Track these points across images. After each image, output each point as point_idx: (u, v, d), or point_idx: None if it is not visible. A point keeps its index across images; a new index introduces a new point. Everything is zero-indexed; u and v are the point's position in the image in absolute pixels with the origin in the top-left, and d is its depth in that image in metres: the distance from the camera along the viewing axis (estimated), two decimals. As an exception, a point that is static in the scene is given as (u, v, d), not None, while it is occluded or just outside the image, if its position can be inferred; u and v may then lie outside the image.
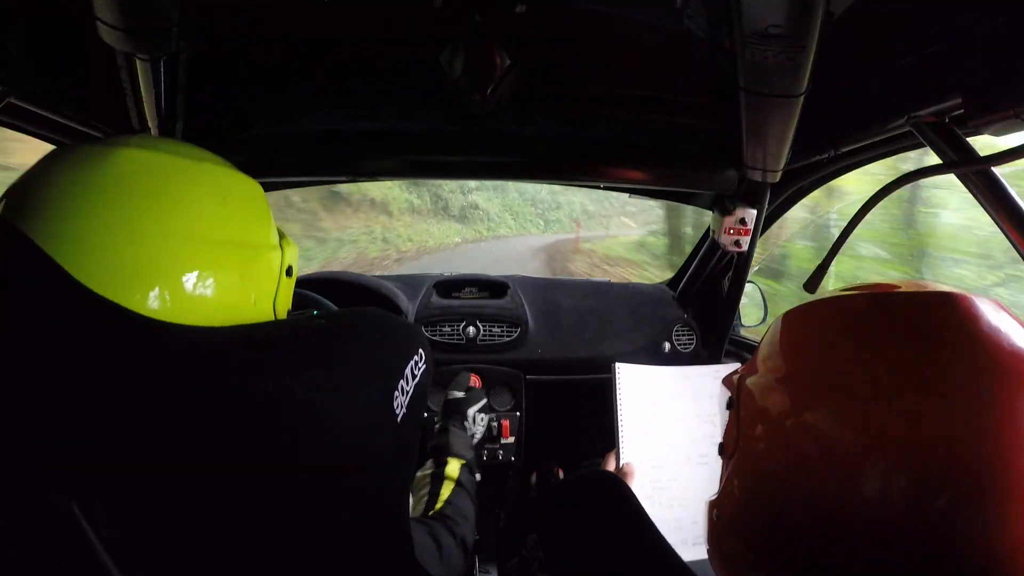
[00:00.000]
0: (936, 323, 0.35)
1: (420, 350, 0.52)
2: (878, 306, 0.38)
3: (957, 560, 0.32)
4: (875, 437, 0.33)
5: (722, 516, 0.44)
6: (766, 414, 0.40)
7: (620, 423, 0.97)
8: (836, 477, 0.34)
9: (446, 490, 0.80)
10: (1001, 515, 0.31)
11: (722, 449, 0.47)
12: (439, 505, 0.77)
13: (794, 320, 0.42)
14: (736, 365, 1.08)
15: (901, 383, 0.33)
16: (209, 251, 0.44)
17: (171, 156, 0.45)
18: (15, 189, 0.42)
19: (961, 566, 0.32)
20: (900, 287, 0.39)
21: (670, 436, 0.98)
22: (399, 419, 0.46)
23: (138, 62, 0.68)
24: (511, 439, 1.31)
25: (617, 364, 1.02)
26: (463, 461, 0.87)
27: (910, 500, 0.32)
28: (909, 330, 0.36)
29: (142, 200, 0.42)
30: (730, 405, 0.46)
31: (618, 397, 0.99)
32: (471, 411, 1.04)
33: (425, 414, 1.03)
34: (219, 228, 0.45)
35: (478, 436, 1.05)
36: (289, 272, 0.53)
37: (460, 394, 1.07)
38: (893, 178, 0.74)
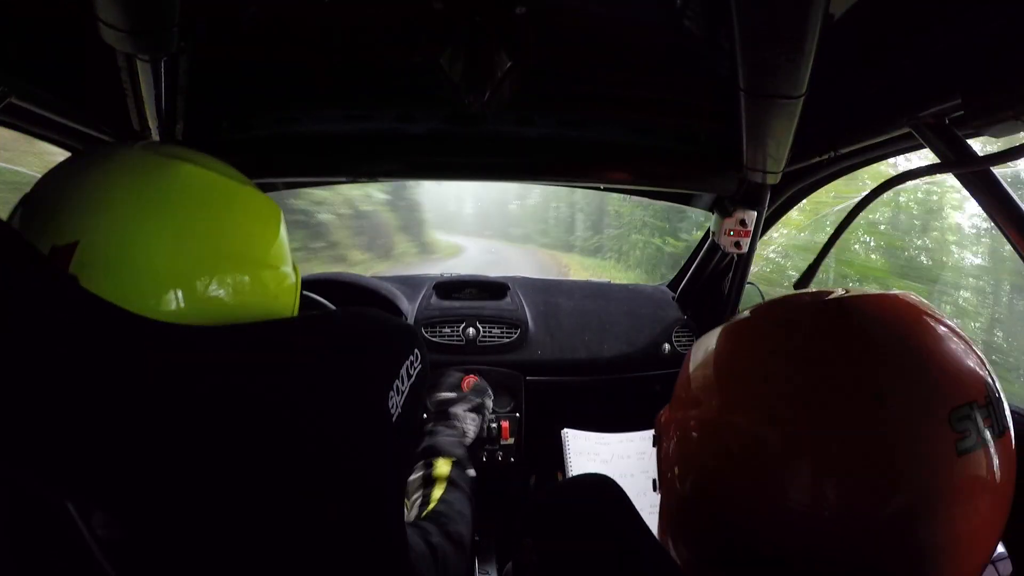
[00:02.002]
0: (842, 336, 0.36)
1: (416, 350, 0.52)
2: (793, 321, 0.39)
3: (880, 558, 0.33)
4: (792, 441, 0.34)
5: (664, 532, 0.48)
6: (688, 430, 0.42)
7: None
8: (755, 481, 0.36)
9: (438, 490, 0.79)
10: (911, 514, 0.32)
11: (655, 485, 0.50)
12: (432, 505, 0.76)
13: (716, 342, 0.44)
14: None
15: (811, 397, 0.34)
16: (251, 269, 0.47)
17: (218, 174, 0.48)
18: (39, 195, 0.44)
19: (882, 564, 0.32)
20: (823, 295, 0.40)
21: None
22: (394, 419, 0.46)
23: (138, 62, 0.68)
24: (511, 440, 1.31)
25: (564, 430, 1.07)
26: (453, 459, 0.86)
27: (840, 506, 0.33)
28: (817, 346, 0.37)
29: (194, 212, 0.44)
30: (655, 443, 0.49)
31: (567, 459, 1.04)
32: (458, 410, 1.03)
33: (424, 415, 1.04)
34: (260, 249, 0.49)
35: (471, 434, 1.04)
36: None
37: (448, 395, 1.07)
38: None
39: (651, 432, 1.05)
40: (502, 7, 0.75)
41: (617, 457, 1.05)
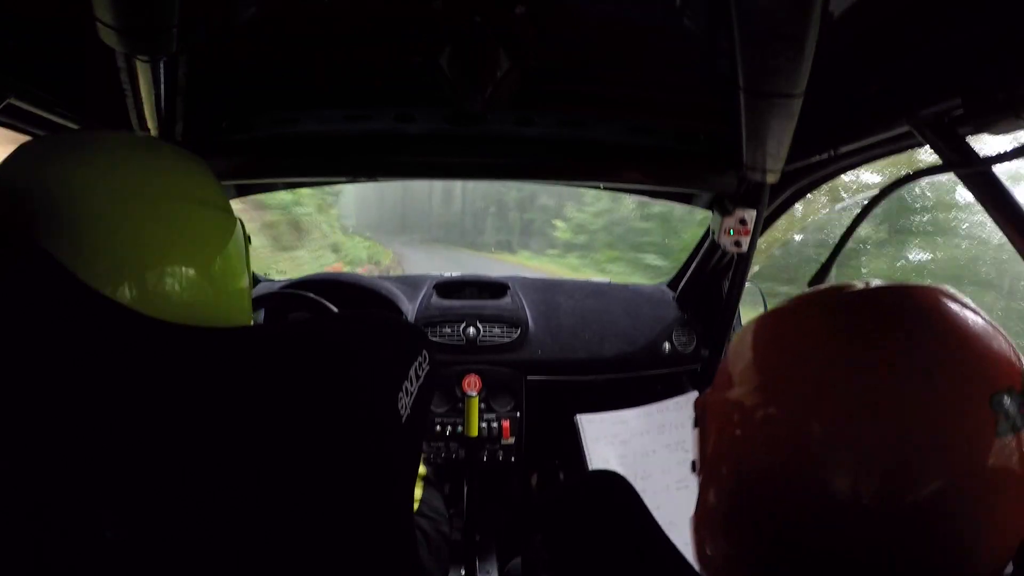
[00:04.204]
0: (886, 316, 0.37)
1: (424, 351, 0.52)
2: (834, 304, 0.40)
3: (921, 542, 0.33)
4: (840, 431, 0.34)
5: (702, 525, 0.46)
6: (729, 419, 0.41)
7: (591, 467, 0.99)
8: (804, 474, 0.35)
9: (418, 489, 0.81)
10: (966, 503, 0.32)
11: (695, 466, 0.49)
12: (416, 505, 0.77)
13: (754, 328, 0.44)
14: (693, 395, 1.11)
15: (856, 377, 0.35)
16: (196, 209, 0.45)
17: (135, 135, 0.47)
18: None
19: (930, 556, 0.33)
20: (857, 285, 0.40)
21: (643, 470, 1.00)
22: (404, 420, 0.46)
23: (138, 63, 0.68)
24: (511, 440, 1.31)
25: (578, 416, 1.04)
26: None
27: (882, 492, 0.33)
28: (863, 325, 0.37)
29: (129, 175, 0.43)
30: (696, 424, 0.48)
31: (585, 446, 1.01)
32: None
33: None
34: (201, 189, 0.47)
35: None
36: (249, 239, 0.55)
37: None
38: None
39: (667, 403, 1.05)
40: (502, 7, 0.75)
41: (636, 435, 1.03)
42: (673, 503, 0.96)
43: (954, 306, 0.37)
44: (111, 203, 0.40)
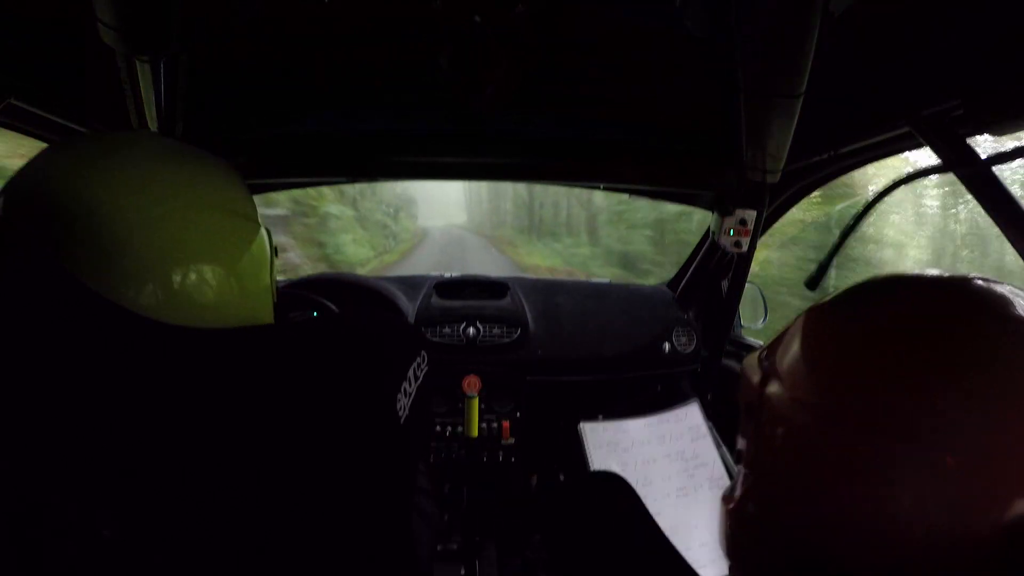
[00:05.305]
0: (950, 304, 0.32)
1: (422, 352, 0.52)
2: (883, 297, 0.35)
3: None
4: (914, 446, 0.30)
5: (742, 525, 0.41)
6: (794, 422, 0.35)
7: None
8: (852, 490, 0.31)
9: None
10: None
11: (739, 457, 0.43)
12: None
13: (818, 324, 0.38)
14: (693, 406, 1.10)
15: (942, 389, 0.30)
16: (224, 219, 0.45)
17: (168, 144, 0.47)
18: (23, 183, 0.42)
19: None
20: (924, 278, 0.35)
21: (645, 477, 1.01)
22: (402, 420, 0.46)
23: (138, 63, 0.68)
24: (511, 440, 1.31)
25: (581, 424, 1.05)
26: None
27: (952, 522, 0.29)
28: (943, 326, 0.32)
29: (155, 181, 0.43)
30: (747, 410, 0.41)
31: (588, 453, 1.02)
32: None
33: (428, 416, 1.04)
34: (231, 200, 0.47)
35: None
36: (276, 252, 0.54)
37: None
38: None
39: (668, 415, 1.06)
40: (502, 7, 0.75)
41: (638, 444, 1.04)
42: (674, 510, 0.97)
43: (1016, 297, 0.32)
44: (132, 210, 0.40)
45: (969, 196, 0.65)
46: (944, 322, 0.32)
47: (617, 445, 1.03)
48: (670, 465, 1.02)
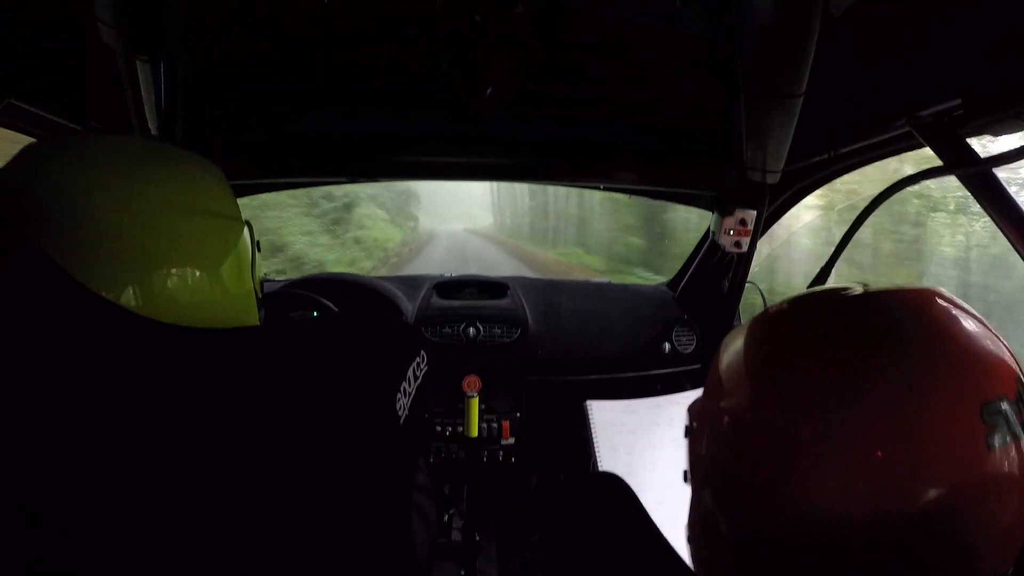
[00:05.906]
0: (878, 322, 0.36)
1: (422, 352, 0.52)
2: (828, 308, 0.39)
3: (907, 556, 0.32)
4: (830, 439, 0.33)
5: (697, 531, 0.45)
6: (720, 425, 0.40)
7: (598, 454, 0.98)
8: (796, 482, 0.35)
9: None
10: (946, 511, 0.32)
11: (686, 476, 0.48)
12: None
13: (746, 333, 0.43)
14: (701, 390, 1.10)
15: (847, 383, 0.34)
16: (201, 220, 0.45)
17: (145, 141, 0.46)
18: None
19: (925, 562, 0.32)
20: (855, 289, 0.40)
21: (650, 462, 0.99)
22: (402, 420, 0.46)
23: (138, 63, 0.68)
24: (511, 440, 1.31)
25: (588, 402, 1.03)
26: None
27: (873, 502, 0.32)
28: (854, 331, 0.36)
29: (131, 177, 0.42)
30: (687, 433, 0.47)
31: (593, 432, 1.00)
32: None
33: (426, 415, 1.04)
34: (205, 199, 0.46)
35: None
36: (259, 247, 0.54)
37: None
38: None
39: (678, 396, 1.05)
40: (502, 7, 0.75)
41: (645, 426, 1.02)
42: (678, 499, 0.95)
43: (948, 311, 0.36)
44: (113, 210, 0.40)
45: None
46: (854, 333, 0.36)
47: (624, 426, 1.01)
48: (677, 451, 1.00)
